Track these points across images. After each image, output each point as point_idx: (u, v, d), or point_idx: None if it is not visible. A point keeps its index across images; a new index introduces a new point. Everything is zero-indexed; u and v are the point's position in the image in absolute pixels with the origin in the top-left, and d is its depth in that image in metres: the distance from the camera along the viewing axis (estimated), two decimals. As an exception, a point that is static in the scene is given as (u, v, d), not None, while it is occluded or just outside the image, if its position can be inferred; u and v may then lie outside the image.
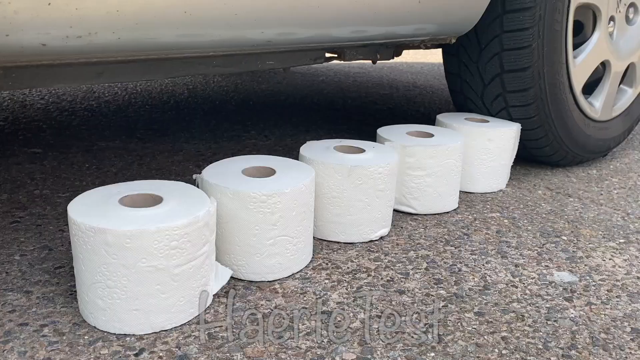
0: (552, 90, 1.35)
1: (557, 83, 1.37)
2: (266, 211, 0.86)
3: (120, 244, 0.71)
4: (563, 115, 1.42)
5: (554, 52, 1.33)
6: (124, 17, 0.76)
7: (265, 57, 1.08)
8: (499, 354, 0.73)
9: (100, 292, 0.73)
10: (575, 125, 1.46)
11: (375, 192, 1.01)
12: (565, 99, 1.41)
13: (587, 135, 1.50)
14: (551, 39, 1.31)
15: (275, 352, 0.71)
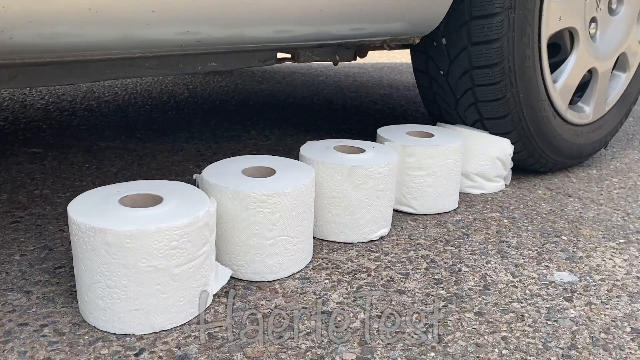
0: (533, 116, 1.30)
1: (537, 107, 1.30)
2: (266, 211, 0.86)
3: (120, 244, 0.71)
4: (549, 137, 1.35)
5: (528, 83, 1.26)
6: (12, 14, 0.65)
7: (205, 58, 0.99)
8: (499, 354, 0.73)
9: (100, 292, 0.73)
10: (565, 141, 1.40)
11: (375, 192, 1.01)
12: (547, 119, 1.34)
13: (581, 145, 1.47)
14: (523, 75, 1.25)
15: (275, 352, 0.71)
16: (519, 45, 1.22)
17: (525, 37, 1.22)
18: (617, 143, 1.84)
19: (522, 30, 1.21)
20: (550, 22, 1.28)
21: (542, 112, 1.32)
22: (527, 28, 1.22)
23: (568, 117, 1.41)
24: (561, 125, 1.39)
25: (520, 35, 1.21)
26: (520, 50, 1.22)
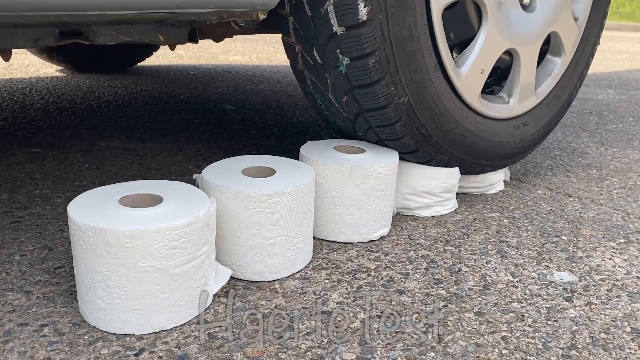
0: (427, 109, 1.06)
1: (430, 100, 1.06)
2: (266, 211, 0.86)
3: (120, 244, 0.71)
4: (453, 134, 1.12)
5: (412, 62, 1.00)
6: None
7: None
8: (499, 354, 0.73)
9: (100, 292, 0.73)
10: (479, 139, 1.18)
11: (376, 192, 1.01)
12: (453, 115, 1.11)
13: (504, 143, 1.25)
14: (409, 60, 1.00)
15: (275, 352, 0.71)
16: (397, 25, 0.97)
17: (407, 12, 0.97)
18: (617, 143, 1.84)
19: (401, 3, 0.96)
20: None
21: (439, 102, 1.08)
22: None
23: (481, 109, 1.17)
24: (471, 119, 1.16)
25: (401, 9, 0.96)
26: (400, 29, 0.97)
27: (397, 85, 1.00)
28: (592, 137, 1.90)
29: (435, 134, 1.08)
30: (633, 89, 2.95)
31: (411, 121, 1.04)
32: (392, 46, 0.97)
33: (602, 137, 1.91)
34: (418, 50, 1.00)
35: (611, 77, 3.37)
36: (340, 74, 1.01)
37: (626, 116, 2.26)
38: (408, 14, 0.97)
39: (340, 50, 0.98)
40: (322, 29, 0.99)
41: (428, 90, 1.04)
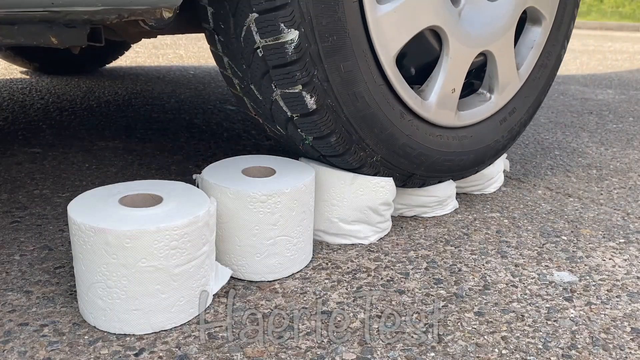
0: (406, 156, 1.00)
1: (405, 147, 1.00)
2: (266, 211, 0.86)
3: (120, 244, 0.71)
4: (444, 165, 1.08)
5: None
6: None
7: None
8: (499, 354, 0.73)
9: (100, 292, 0.73)
10: (472, 152, 1.14)
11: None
12: (435, 148, 1.04)
13: (492, 144, 1.19)
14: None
15: (275, 352, 0.71)
16: (349, 102, 0.90)
17: (355, 86, 0.90)
18: (617, 143, 1.84)
19: (346, 79, 0.89)
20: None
21: (416, 145, 1.03)
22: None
23: (462, 123, 1.11)
24: (453, 140, 1.10)
25: (347, 85, 0.89)
26: (354, 103, 0.90)
27: (365, 150, 0.97)
28: (592, 137, 1.90)
29: (419, 170, 1.07)
30: (633, 89, 2.96)
31: (390, 170, 1.02)
32: (349, 122, 0.93)
33: (602, 137, 1.91)
34: (378, 112, 0.95)
35: (611, 77, 3.37)
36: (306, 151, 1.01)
37: (626, 116, 2.26)
38: (357, 87, 0.91)
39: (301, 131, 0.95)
40: (255, 70, 0.92)
41: (399, 140, 1.00)
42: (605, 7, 10.09)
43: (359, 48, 0.90)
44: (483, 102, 1.17)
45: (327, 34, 0.85)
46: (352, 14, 0.87)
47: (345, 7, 0.85)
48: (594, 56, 4.51)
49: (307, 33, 0.83)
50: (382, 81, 0.95)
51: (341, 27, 0.86)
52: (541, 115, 2.22)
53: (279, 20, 0.81)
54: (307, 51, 0.84)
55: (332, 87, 0.88)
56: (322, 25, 0.84)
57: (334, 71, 0.87)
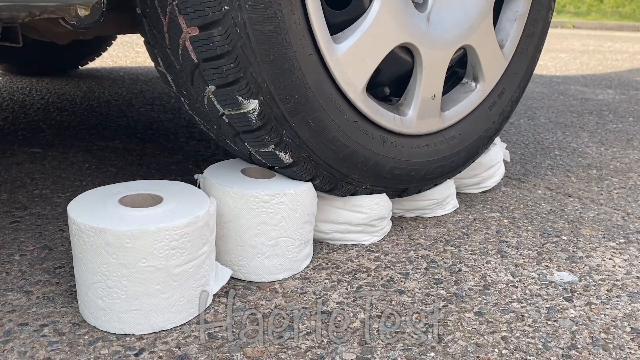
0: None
1: (396, 162, 0.97)
2: (269, 211, 0.86)
3: (120, 244, 0.71)
4: (437, 171, 1.06)
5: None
6: None
7: None
8: (499, 354, 0.73)
9: (100, 292, 0.73)
10: (463, 150, 1.11)
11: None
12: (428, 156, 1.01)
13: (483, 134, 1.14)
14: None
15: (275, 352, 0.71)
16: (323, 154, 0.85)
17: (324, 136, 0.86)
18: (617, 143, 1.84)
19: (316, 132, 0.86)
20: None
21: (402, 158, 1.00)
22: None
23: (449, 122, 1.08)
24: (446, 145, 1.07)
25: (318, 137, 0.86)
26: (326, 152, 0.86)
27: (352, 183, 0.96)
28: (592, 137, 1.90)
29: (412, 184, 1.06)
30: (633, 89, 2.96)
31: (382, 190, 1.02)
32: (330, 165, 0.91)
33: (602, 137, 1.91)
34: (357, 148, 0.93)
35: (611, 77, 3.37)
36: None
37: (626, 116, 2.26)
38: (330, 134, 0.89)
39: None
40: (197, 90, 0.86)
41: (386, 166, 0.98)
42: (605, 7, 10.09)
43: (325, 97, 0.87)
44: (469, 92, 1.12)
45: (288, 96, 0.82)
46: (311, 67, 0.84)
47: (301, 65, 0.82)
48: (594, 56, 4.51)
49: (267, 100, 0.81)
50: (356, 117, 0.92)
51: (301, 85, 0.83)
52: (541, 115, 2.22)
53: (235, 93, 0.80)
54: (270, 116, 0.82)
55: (305, 141, 0.87)
56: (281, 89, 0.81)
57: (303, 127, 0.85)
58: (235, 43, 0.76)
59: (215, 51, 0.76)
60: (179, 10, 0.76)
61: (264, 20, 0.77)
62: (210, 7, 0.74)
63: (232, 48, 0.76)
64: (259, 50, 0.78)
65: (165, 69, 0.87)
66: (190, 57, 0.79)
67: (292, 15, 0.79)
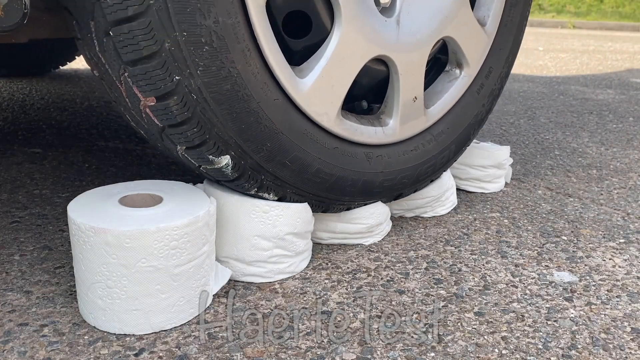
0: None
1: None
2: (267, 222, 0.86)
3: (120, 244, 0.71)
4: (426, 168, 1.02)
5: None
6: None
7: None
8: (499, 354, 0.73)
9: (100, 292, 0.73)
10: (454, 140, 1.08)
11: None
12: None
13: (473, 120, 1.10)
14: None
15: (275, 352, 0.71)
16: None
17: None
18: (617, 143, 1.84)
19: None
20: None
21: (390, 165, 0.98)
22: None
23: (436, 116, 1.04)
24: (434, 141, 1.04)
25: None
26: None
27: (344, 203, 0.96)
28: (592, 137, 1.90)
29: (406, 189, 1.05)
30: (633, 89, 2.96)
31: (377, 200, 1.02)
32: (318, 195, 0.91)
33: (602, 137, 1.91)
34: (343, 173, 0.92)
35: (611, 77, 3.37)
36: None
37: (626, 116, 2.26)
38: (312, 168, 0.87)
39: None
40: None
41: (375, 182, 0.97)
42: (605, 7, 10.09)
43: (298, 134, 0.84)
44: (453, 81, 1.07)
45: (259, 146, 0.80)
46: (278, 112, 0.80)
47: (267, 114, 0.79)
48: (594, 56, 4.51)
49: (239, 154, 0.79)
50: (336, 142, 0.90)
51: (271, 132, 0.80)
52: (541, 115, 2.22)
53: (205, 153, 0.78)
54: (246, 166, 0.81)
55: (286, 181, 0.86)
56: (251, 141, 0.79)
57: (281, 169, 0.84)
58: (194, 109, 0.73)
59: (175, 119, 0.74)
60: (132, 81, 0.73)
61: (219, 81, 0.74)
62: (161, 79, 0.71)
63: (192, 114, 0.74)
64: (220, 111, 0.75)
65: (136, 124, 0.84)
66: (154, 121, 0.77)
67: (248, 67, 0.75)
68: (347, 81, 0.88)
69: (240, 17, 0.73)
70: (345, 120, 0.91)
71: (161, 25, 0.68)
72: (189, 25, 0.69)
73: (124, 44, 0.69)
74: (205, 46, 0.71)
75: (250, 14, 0.74)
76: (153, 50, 0.69)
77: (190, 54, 0.70)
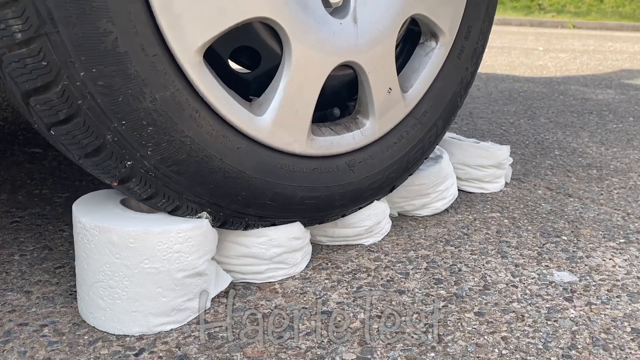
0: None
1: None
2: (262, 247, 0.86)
3: (125, 244, 0.71)
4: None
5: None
6: None
7: None
8: (499, 354, 0.73)
9: (101, 292, 0.73)
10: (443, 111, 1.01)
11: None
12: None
13: (455, 96, 1.05)
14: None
15: (275, 352, 0.71)
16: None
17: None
18: (618, 143, 1.84)
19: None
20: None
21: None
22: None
23: (413, 102, 0.97)
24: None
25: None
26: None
27: (337, 215, 0.96)
28: (592, 137, 1.91)
29: (397, 181, 1.02)
30: (633, 89, 2.96)
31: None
32: (309, 219, 0.91)
33: (602, 137, 1.91)
34: (332, 192, 0.90)
35: (611, 77, 3.37)
36: None
37: (626, 116, 2.26)
38: (294, 200, 0.86)
39: None
40: None
41: (363, 186, 0.94)
42: (605, 7, 10.09)
43: (272, 172, 0.82)
44: (430, 53, 0.99)
45: (234, 197, 0.79)
46: (245, 158, 0.78)
47: (234, 165, 0.77)
48: (594, 56, 4.51)
49: (216, 208, 0.79)
50: (314, 163, 0.87)
51: (243, 180, 0.79)
52: (541, 115, 2.22)
53: (184, 215, 0.78)
54: (226, 214, 0.81)
55: (272, 216, 0.85)
56: (224, 196, 0.78)
57: (263, 209, 0.83)
58: (157, 184, 0.72)
59: (141, 196, 0.74)
60: (90, 170, 0.72)
61: (172, 154, 0.71)
62: (114, 168, 0.70)
63: (156, 189, 0.73)
64: (183, 180, 0.74)
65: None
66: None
67: (201, 129, 0.72)
68: (311, 101, 0.83)
69: (179, 84, 0.70)
70: (319, 138, 0.87)
71: (97, 121, 0.66)
72: (125, 114, 0.66)
73: (68, 142, 0.67)
74: (149, 127, 0.68)
75: (189, 77, 0.70)
76: (96, 145, 0.67)
77: (135, 139, 0.68)
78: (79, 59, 0.62)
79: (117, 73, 0.65)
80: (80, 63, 0.62)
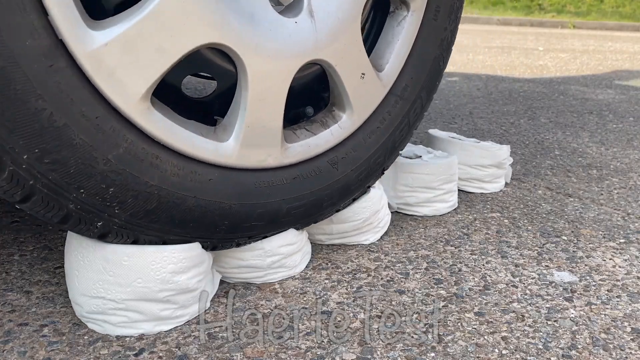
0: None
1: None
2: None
3: (119, 261, 0.70)
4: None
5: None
6: None
7: None
8: (499, 354, 0.73)
9: (94, 308, 0.73)
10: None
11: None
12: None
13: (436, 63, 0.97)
14: None
15: (275, 352, 0.71)
16: None
17: None
18: (618, 143, 1.84)
19: None
20: None
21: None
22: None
23: (386, 82, 0.91)
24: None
25: None
26: None
27: (327, 215, 0.93)
28: (592, 137, 1.90)
29: (387, 163, 0.99)
30: (633, 89, 2.96)
31: None
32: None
33: (602, 137, 1.91)
34: (321, 196, 0.88)
35: (611, 77, 3.37)
36: None
37: (626, 116, 2.26)
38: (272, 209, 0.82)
39: None
40: None
41: (350, 182, 0.91)
42: (605, 7, 10.09)
43: (251, 194, 0.79)
44: (402, 22, 0.91)
45: (216, 228, 0.77)
46: (220, 188, 0.76)
47: (209, 198, 0.75)
48: (594, 56, 4.51)
49: (201, 241, 0.78)
50: (294, 171, 0.84)
51: (223, 211, 0.77)
52: (541, 115, 2.22)
53: None
54: (212, 244, 0.80)
55: (261, 233, 0.85)
56: (205, 228, 0.76)
57: (251, 230, 0.82)
58: (136, 234, 0.72)
59: (126, 243, 0.73)
60: None
61: (142, 206, 0.70)
62: (87, 230, 0.69)
63: (137, 237, 0.72)
64: (160, 227, 0.72)
65: None
66: None
67: (166, 174, 0.70)
68: (278, 112, 0.78)
69: (131, 136, 0.67)
70: (294, 144, 0.83)
71: (55, 195, 0.64)
72: (81, 183, 0.65)
73: (36, 214, 0.67)
74: (109, 189, 0.66)
75: (140, 126, 0.67)
76: (62, 215, 0.66)
77: (98, 202, 0.67)
78: (17, 143, 0.60)
79: (61, 147, 0.62)
80: (20, 147, 0.60)
